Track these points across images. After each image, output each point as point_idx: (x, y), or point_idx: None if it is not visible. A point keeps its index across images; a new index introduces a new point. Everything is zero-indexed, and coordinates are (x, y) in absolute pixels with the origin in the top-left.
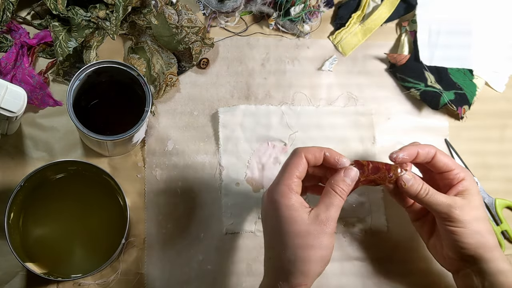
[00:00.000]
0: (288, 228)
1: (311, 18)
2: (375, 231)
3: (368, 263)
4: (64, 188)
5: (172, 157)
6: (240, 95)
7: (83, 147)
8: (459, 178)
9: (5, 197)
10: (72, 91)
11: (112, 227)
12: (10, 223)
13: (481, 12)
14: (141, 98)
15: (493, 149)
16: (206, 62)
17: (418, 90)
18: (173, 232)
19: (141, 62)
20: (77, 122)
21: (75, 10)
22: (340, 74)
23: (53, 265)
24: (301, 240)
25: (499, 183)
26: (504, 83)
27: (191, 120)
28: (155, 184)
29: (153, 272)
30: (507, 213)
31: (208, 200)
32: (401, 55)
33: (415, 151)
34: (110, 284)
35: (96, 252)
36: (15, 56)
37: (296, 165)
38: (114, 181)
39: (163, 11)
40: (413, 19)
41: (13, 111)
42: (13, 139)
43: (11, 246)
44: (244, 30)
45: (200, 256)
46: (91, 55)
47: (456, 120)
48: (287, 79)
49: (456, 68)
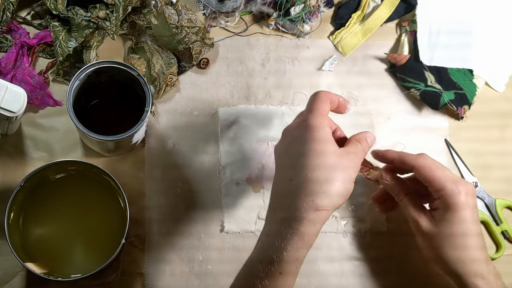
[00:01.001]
0: (322, 148)
1: (311, 18)
2: (375, 231)
3: (368, 263)
4: (64, 188)
5: (172, 157)
6: (240, 95)
7: (83, 147)
8: (436, 196)
9: (5, 197)
10: (72, 91)
11: (112, 227)
12: (10, 223)
13: (481, 12)
14: (141, 98)
15: (493, 149)
16: (206, 62)
17: (418, 90)
18: (173, 232)
19: (141, 62)
20: (77, 122)
21: (75, 10)
22: (340, 74)
23: (53, 265)
24: (333, 161)
25: (499, 183)
26: (504, 83)
27: (191, 120)
28: (155, 184)
29: (153, 272)
30: (507, 213)
31: (208, 200)
32: (401, 55)
33: (393, 157)
34: (110, 284)
35: (96, 252)
36: (15, 56)
37: (326, 97)
38: (114, 181)
39: (163, 11)
40: (413, 19)
41: (13, 111)
42: (13, 139)
43: (11, 246)
44: (244, 30)
45: (200, 256)
46: (91, 55)
47: (456, 120)
48: (287, 79)
49: (456, 68)
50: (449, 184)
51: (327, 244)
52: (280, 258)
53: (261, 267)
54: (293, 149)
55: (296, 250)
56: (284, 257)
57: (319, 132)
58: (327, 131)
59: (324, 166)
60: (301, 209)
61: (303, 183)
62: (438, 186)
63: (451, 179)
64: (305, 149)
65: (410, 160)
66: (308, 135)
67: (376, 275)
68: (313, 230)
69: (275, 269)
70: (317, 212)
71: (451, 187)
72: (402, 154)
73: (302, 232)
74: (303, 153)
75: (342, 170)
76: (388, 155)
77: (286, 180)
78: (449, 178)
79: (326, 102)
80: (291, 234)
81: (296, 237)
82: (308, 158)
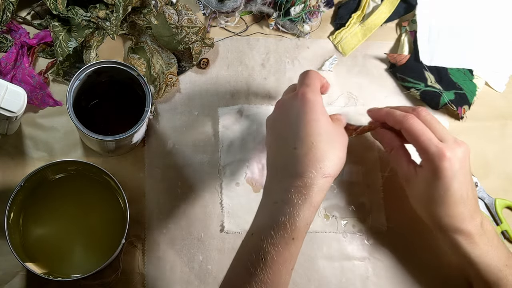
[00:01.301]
0: (322, 119)
1: (311, 18)
2: (375, 231)
3: (368, 263)
4: (64, 188)
5: (172, 157)
6: (240, 95)
7: (83, 147)
8: (422, 157)
9: (5, 197)
10: (72, 91)
11: (112, 227)
12: (10, 223)
13: (481, 12)
14: (141, 98)
15: (493, 149)
16: (206, 62)
17: (418, 90)
18: (173, 232)
19: (141, 62)
20: (77, 122)
21: (75, 10)
22: (340, 74)
23: (53, 265)
24: (333, 130)
25: (499, 183)
26: (504, 83)
27: (191, 120)
28: (155, 184)
29: (153, 272)
30: (507, 213)
31: (208, 200)
32: (401, 55)
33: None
34: (110, 284)
35: (96, 252)
36: (15, 56)
37: (318, 75)
38: (114, 181)
39: (163, 11)
40: (413, 19)
41: (13, 111)
42: (13, 139)
43: (11, 246)
44: (244, 30)
45: (200, 256)
46: (91, 55)
47: (456, 120)
48: (287, 79)
49: (456, 68)
50: (432, 149)
51: (327, 244)
52: (293, 224)
53: (273, 233)
54: (292, 120)
55: (308, 216)
56: (297, 222)
57: (318, 105)
58: (322, 104)
59: (327, 134)
60: (311, 176)
61: (309, 151)
62: (422, 149)
63: (435, 144)
64: (307, 119)
65: (398, 119)
66: (308, 108)
67: (377, 275)
68: (321, 196)
69: (288, 235)
70: (325, 178)
71: (434, 152)
72: (391, 112)
73: (312, 198)
74: (306, 122)
75: (339, 138)
76: (380, 113)
77: (289, 149)
78: (433, 143)
79: (318, 79)
80: (303, 200)
81: (308, 203)
82: (311, 127)
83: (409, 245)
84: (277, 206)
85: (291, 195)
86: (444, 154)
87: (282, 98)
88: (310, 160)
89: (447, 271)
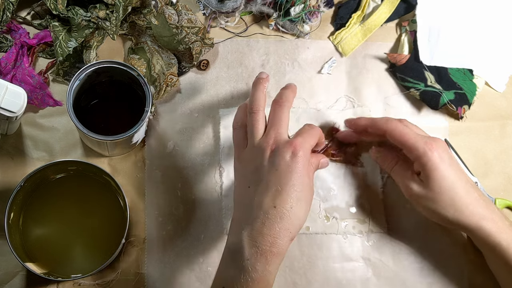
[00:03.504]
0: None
1: (311, 18)
2: (375, 232)
3: (368, 264)
4: (64, 188)
5: (172, 157)
6: (240, 96)
7: (83, 147)
8: (412, 158)
9: (5, 197)
10: (72, 91)
11: (112, 227)
12: (10, 223)
13: (481, 12)
14: (141, 98)
15: (493, 149)
16: (206, 63)
17: (418, 90)
18: (173, 233)
19: (141, 62)
20: (77, 122)
21: (75, 10)
22: (340, 75)
23: (53, 265)
24: (311, 190)
25: (499, 183)
26: (504, 83)
27: (191, 121)
28: (155, 185)
29: (153, 273)
30: (507, 213)
31: (208, 201)
32: (401, 55)
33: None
34: (110, 284)
35: (96, 252)
36: (15, 56)
37: (318, 135)
38: (114, 181)
39: (163, 11)
40: (413, 19)
41: (13, 111)
42: (13, 139)
43: (11, 246)
44: (244, 30)
45: (200, 258)
46: (91, 55)
47: (456, 120)
48: (287, 80)
49: (456, 68)
50: (420, 145)
51: (327, 245)
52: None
53: None
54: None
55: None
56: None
57: (307, 164)
58: (310, 162)
59: (306, 197)
60: (280, 245)
61: (284, 216)
62: (410, 148)
63: (421, 139)
64: (294, 181)
65: (381, 125)
66: (300, 163)
67: (376, 275)
68: (284, 253)
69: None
70: (292, 240)
71: (422, 147)
72: (373, 120)
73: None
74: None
75: (311, 195)
76: (360, 123)
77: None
78: (419, 139)
79: (318, 135)
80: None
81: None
82: (295, 190)
83: (409, 246)
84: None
85: (254, 264)
86: (433, 145)
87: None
88: (281, 228)
89: (447, 272)
